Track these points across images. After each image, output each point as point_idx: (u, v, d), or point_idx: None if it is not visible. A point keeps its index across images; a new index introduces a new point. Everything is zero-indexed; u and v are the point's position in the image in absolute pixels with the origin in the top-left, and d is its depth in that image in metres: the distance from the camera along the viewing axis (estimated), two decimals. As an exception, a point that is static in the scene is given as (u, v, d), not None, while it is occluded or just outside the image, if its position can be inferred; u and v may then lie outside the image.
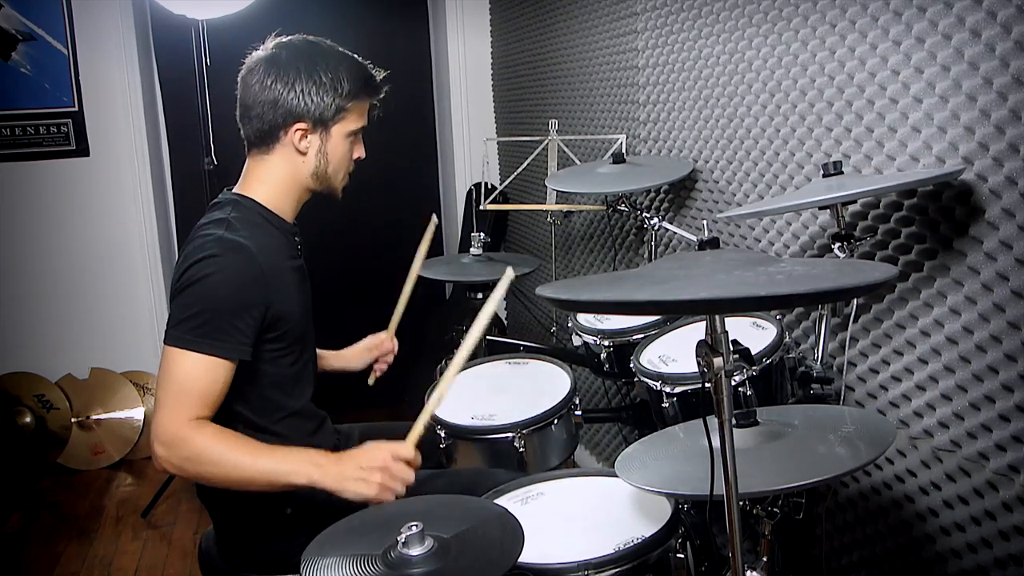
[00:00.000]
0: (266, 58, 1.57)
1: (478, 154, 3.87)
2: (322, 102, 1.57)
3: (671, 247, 2.38)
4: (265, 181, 1.63)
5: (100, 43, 3.58)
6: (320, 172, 1.64)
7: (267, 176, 1.63)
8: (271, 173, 1.62)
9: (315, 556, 1.24)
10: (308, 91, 1.55)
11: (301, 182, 1.64)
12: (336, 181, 1.68)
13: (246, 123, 1.61)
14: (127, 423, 3.75)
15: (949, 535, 1.49)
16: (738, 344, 1.05)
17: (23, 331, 3.69)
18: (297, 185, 1.65)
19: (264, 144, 1.61)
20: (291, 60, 1.56)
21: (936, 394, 1.48)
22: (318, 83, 1.56)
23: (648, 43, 2.39)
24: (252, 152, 1.64)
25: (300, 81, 1.55)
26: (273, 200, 1.63)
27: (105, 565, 2.90)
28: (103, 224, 3.70)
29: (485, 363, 2.22)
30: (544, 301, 1.05)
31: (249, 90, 1.58)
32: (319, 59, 1.57)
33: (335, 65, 1.58)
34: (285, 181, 1.63)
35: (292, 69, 1.55)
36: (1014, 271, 1.30)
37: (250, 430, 1.56)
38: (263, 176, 1.63)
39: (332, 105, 1.58)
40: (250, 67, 1.59)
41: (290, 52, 1.58)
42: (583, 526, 1.49)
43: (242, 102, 1.60)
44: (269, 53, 1.58)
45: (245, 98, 1.59)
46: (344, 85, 1.58)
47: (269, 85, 1.55)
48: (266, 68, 1.56)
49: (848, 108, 1.62)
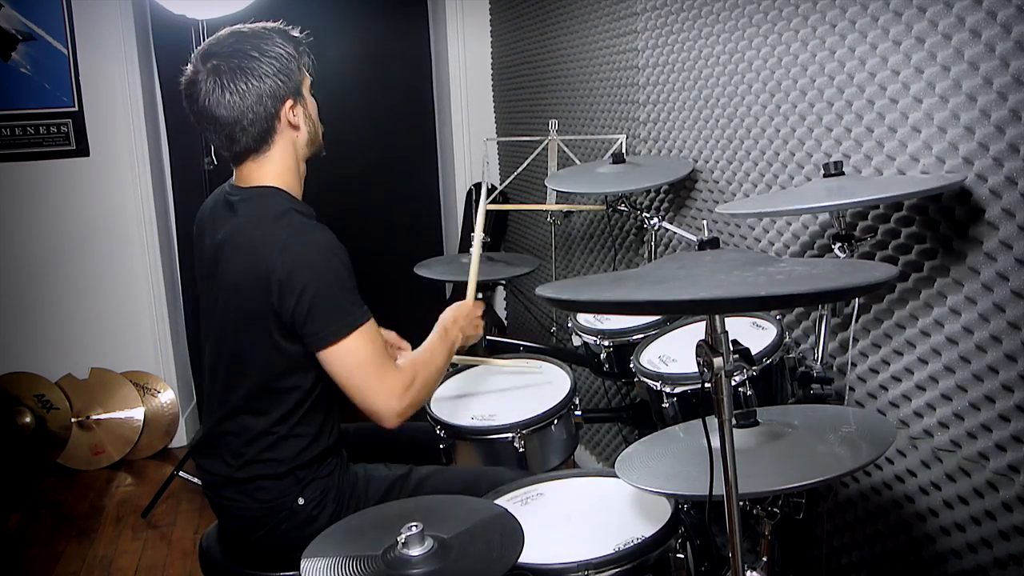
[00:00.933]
0: (214, 69, 1.55)
1: (478, 154, 3.87)
2: (289, 71, 1.60)
3: (671, 247, 2.38)
4: (273, 174, 1.65)
5: (100, 43, 3.57)
6: (312, 135, 1.69)
7: (274, 168, 1.65)
8: (277, 163, 1.65)
9: (315, 556, 1.24)
10: (276, 69, 1.58)
11: (300, 156, 1.69)
12: (320, 136, 1.74)
13: (239, 137, 1.59)
14: (127, 423, 3.75)
15: (949, 535, 1.49)
16: (738, 344, 1.05)
17: (23, 331, 3.69)
18: (298, 161, 1.69)
19: (264, 143, 1.62)
20: (240, 54, 1.56)
21: (936, 394, 1.48)
22: (276, 57, 1.58)
23: (648, 43, 2.39)
24: (250, 159, 1.64)
25: (264, 65, 1.57)
26: (288, 187, 1.67)
27: (105, 565, 2.90)
28: (103, 224, 3.70)
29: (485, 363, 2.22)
30: (544, 301, 1.05)
31: (224, 106, 1.55)
32: (259, 40, 1.59)
33: (271, 37, 1.60)
34: (290, 162, 1.67)
35: (250, 60, 1.56)
36: (1014, 271, 1.30)
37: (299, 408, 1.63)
38: (269, 171, 1.65)
39: (295, 69, 1.62)
40: (206, 89, 1.55)
41: (232, 50, 1.56)
42: (583, 526, 1.49)
43: (222, 123, 1.57)
44: (212, 65, 1.55)
45: (224, 117, 1.56)
46: (288, 48, 1.61)
47: (243, 88, 1.55)
48: (227, 76, 1.54)
49: (848, 108, 1.62)
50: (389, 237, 4.26)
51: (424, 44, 4.27)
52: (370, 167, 4.26)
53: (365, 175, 4.24)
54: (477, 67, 3.95)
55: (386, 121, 4.32)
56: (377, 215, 4.25)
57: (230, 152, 1.64)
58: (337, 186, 3.73)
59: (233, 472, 1.63)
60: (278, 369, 1.60)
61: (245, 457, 1.62)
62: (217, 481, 1.66)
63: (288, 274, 1.52)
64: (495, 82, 3.95)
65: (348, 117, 4.09)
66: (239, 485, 1.63)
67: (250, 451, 1.62)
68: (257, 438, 1.62)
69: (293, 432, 1.62)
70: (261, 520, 1.63)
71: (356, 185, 4.17)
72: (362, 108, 4.19)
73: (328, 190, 1.80)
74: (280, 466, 1.61)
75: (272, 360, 1.59)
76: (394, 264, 2.27)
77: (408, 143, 4.30)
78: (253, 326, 1.58)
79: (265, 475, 1.62)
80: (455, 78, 3.95)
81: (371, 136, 4.24)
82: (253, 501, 1.63)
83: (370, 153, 4.25)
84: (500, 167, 3.93)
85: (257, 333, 1.58)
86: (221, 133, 1.60)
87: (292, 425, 1.62)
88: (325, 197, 1.78)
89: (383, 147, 4.31)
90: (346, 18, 4.01)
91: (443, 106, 4.14)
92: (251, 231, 1.59)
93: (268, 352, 1.58)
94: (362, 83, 4.18)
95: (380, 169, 4.28)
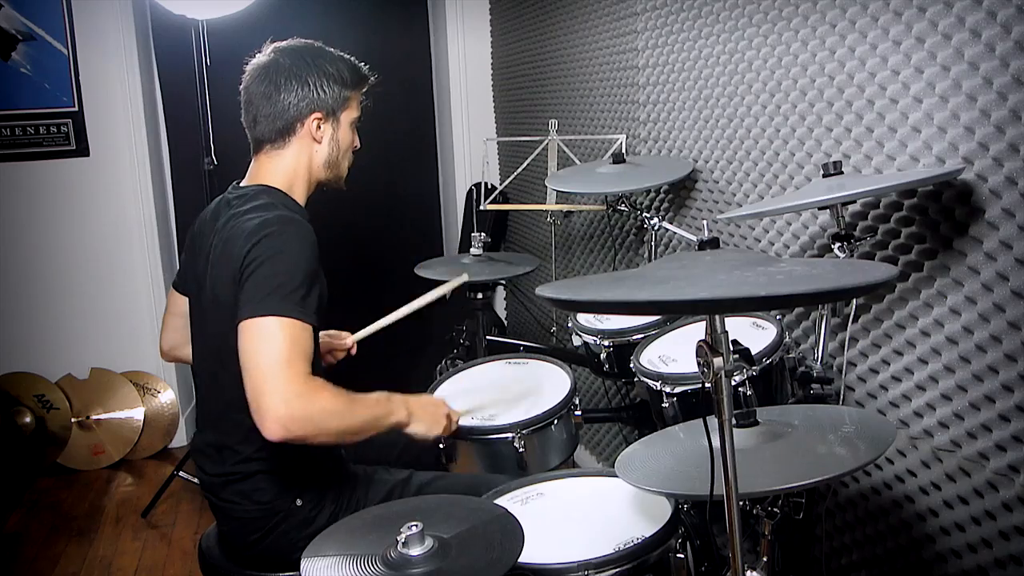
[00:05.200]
0: (271, 61, 1.67)
1: (478, 154, 3.87)
2: (332, 92, 1.68)
3: (671, 247, 2.38)
4: (281, 172, 1.69)
5: (100, 43, 3.57)
6: (332, 159, 1.73)
7: (283, 168, 1.69)
8: (287, 164, 1.69)
9: (315, 555, 1.24)
10: (320, 83, 1.66)
11: (314, 172, 1.72)
12: (343, 168, 1.78)
13: (261, 123, 1.67)
14: (127, 423, 3.75)
15: (949, 535, 1.49)
16: (738, 344, 1.05)
17: (23, 331, 3.69)
18: (310, 175, 1.72)
19: (281, 139, 1.68)
20: (297, 58, 1.67)
21: (936, 394, 1.48)
22: (327, 75, 1.67)
23: (648, 43, 2.39)
24: (264, 149, 1.70)
25: (312, 75, 1.66)
26: (290, 190, 1.70)
27: (105, 565, 2.90)
28: (103, 224, 3.70)
29: (485, 363, 2.22)
30: (544, 301, 1.05)
31: (261, 93, 1.65)
32: (321, 56, 1.69)
33: (334, 59, 1.70)
34: (300, 170, 1.70)
35: (302, 65, 1.66)
36: (1014, 271, 1.30)
37: None
38: (278, 168, 1.69)
39: (340, 95, 1.69)
40: (256, 72, 1.67)
41: (294, 52, 1.68)
42: (583, 526, 1.49)
43: (253, 105, 1.67)
44: (271, 57, 1.67)
45: (257, 101, 1.66)
46: (346, 76, 1.70)
47: (283, 84, 1.64)
48: (276, 69, 1.65)
49: (848, 108, 1.62)
50: (389, 237, 4.26)
51: (424, 44, 4.27)
52: (370, 167, 4.23)
53: (365, 175, 4.21)
54: (477, 67, 3.95)
55: (386, 121, 4.30)
56: (377, 215, 4.24)
57: (251, 134, 1.71)
58: (337, 186, 3.73)
59: (230, 468, 1.63)
60: None
61: (242, 455, 1.62)
62: (215, 482, 1.66)
63: (251, 247, 1.51)
64: (495, 82, 3.95)
65: (348, 117, 4.08)
66: (237, 484, 1.63)
67: (246, 449, 1.62)
68: (254, 435, 1.61)
69: None
70: (259, 521, 1.63)
71: (355, 185, 4.14)
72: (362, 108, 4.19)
73: (328, 190, 1.81)
74: (278, 464, 1.61)
75: None
76: (394, 264, 2.27)
77: (408, 143, 4.30)
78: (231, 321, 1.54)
79: (263, 471, 1.61)
80: (455, 78, 3.95)
81: (371, 136, 4.20)
82: (251, 503, 1.62)
83: (370, 153, 4.23)
84: (500, 167, 3.93)
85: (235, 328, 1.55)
86: (249, 114, 1.69)
87: None
88: (325, 197, 1.79)
89: (383, 147, 4.30)
90: (346, 18, 4.01)
91: (443, 106, 4.14)
92: (234, 223, 1.60)
93: None
94: (362, 83, 4.18)
95: (380, 169, 4.27)
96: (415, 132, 4.33)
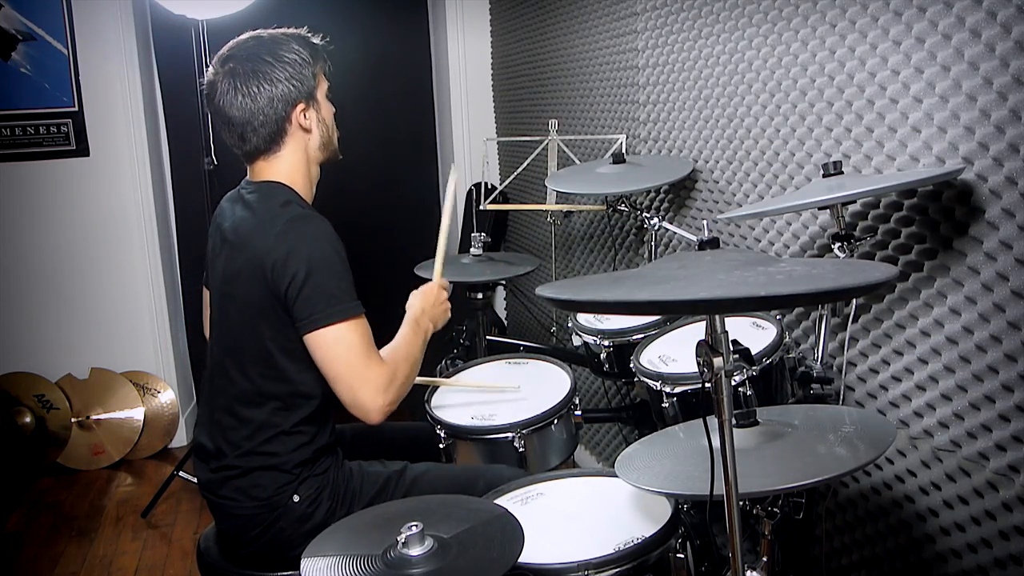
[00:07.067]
0: (230, 72, 1.63)
1: (478, 154, 3.87)
2: (302, 76, 1.66)
3: (671, 247, 2.38)
4: (284, 173, 1.69)
5: (100, 43, 3.57)
6: (325, 139, 1.73)
7: (284, 168, 1.70)
8: (287, 164, 1.70)
9: (315, 555, 1.24)
10: (289, 75, 1.64)
11: (312, 158, 1.73)
12: (335, 141, 1.78)
13: (250, 137, 1.66)
14: (127, 423, 3.75)
15: (949, 535, 1.49)
16: (738, 344, 1.05)
17: (23, 331, 3.69)
18: (310, 164, 1.73)
19: (274, 144, 1.67)
20: (255, 60, 1.63)
21: (936, 394, 1.48)
22: (291, 63, 1.64)
23: (648, 43, 2.39)
24: (261, 159, 1.70)
25: (276, 69, 1.63)
26: (296, 187, 1.70)
27: (105, 565, 2.90)
28: (103, 224, 3.70)
29: (485, 363, 2.22)
30: (544, 301, 1.05)
31: (237, 106, 1.63)
32: (276, 45, 1.65)
33: (288, 43, 1.67)
34: (301, 164, 1.71)
35: (263, 64, 1.63)
36: (1014, 271, 1.30)
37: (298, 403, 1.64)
38: (280, 169, 1.69)
39: (309, 75, 1.67)
40: (223, 89, 1.63)
41: (248, 54, 1.64)
42: (583, 526, 1.49)
43: (234, 123, 1.65)
44: (229, 67, 1.63)
45: (236, 117, 1.64)
46: (304, 54, 1.67)
47: (255, 91, 1.62)
48: (241, 78, 1.62)
49: (848, 108, 1.62)
50: (389, 237, 4.26)
51: (424, 44, 4.27)
52: (370, 167, 4.26)
53: (365, 175, 4.23)
54: (477, 67, 3.95)
55: (386, 121, 4.31)
56: (377, 215, 4.24)
57: (242, 151, 1.70)
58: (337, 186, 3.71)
59: (230, 461, 1.64)
60: (277, 361, 1.61)
61: (243, 449, 1.63)
62: (214, 479, 1.67)
63: (283, 258, 1.55)
64: (495, 82, 3.95)
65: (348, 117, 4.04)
66: (236, 480, 1.63)
67: (249, 444, 1.63)
68: (258, 431, 1.63)
69: (295, 428, 1.63)
70: (257, 518, 1.63)
71: (356, 185, 4.16)
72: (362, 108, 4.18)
73: (328, 190, 1.81)
74: (278, 460, 1.62)
75: (271, 351, 1.60)
76: (394, 264, 2.27)
77: (408, 143, 4.30)
78: (252, 318, 1.60)
79: (262, 467, 1.62)
80: (455, 78, 3.95)
81: (371, 136, 4.24)
82: (248, 499, 1.63)
83: (370, 153, 4.25)
84: (500, 167, 3.93)
85: (254, 324, 1.60)
86: (234, 132, 1.67)
87: (294, 422, 1.63)
88: (325, 197, 1.79)
89: (383, 147, 4.31)
90: (346, 18, 4.01)
91: (443, 106, 4.13)
92: (251, 221, 1.64)
93: (266, 343, 1.60)
94: (362, 83, 4.18)
95: (380, 169, 4.28)
96: (415, 132, 4.33)
